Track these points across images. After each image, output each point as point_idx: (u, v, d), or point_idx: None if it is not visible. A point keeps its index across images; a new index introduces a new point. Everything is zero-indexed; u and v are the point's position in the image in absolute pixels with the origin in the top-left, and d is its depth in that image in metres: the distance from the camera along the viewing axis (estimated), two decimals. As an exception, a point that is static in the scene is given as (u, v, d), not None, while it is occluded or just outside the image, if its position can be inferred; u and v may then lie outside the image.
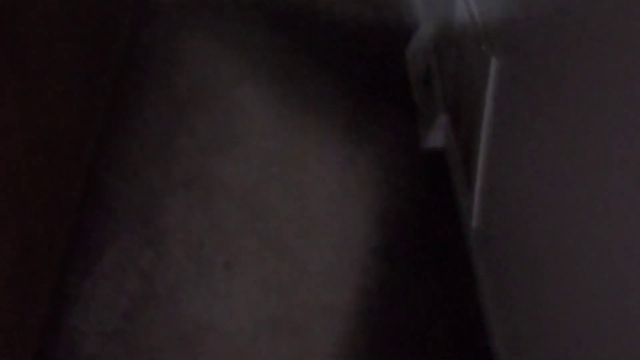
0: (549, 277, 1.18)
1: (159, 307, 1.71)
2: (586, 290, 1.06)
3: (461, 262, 1.69)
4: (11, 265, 1.45)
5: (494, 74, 1.39)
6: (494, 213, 1.46)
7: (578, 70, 1.07)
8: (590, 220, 1.04)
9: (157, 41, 2.41)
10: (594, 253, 1.03)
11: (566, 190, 1.12)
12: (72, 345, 1.63)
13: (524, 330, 1.28)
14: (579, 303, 1.08)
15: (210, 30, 2.47)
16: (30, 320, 1.54)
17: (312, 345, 1.64)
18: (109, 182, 1.98)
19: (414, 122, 2.04)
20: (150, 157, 2.05)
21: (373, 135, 2.10)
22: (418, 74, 2.05)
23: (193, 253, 1.82)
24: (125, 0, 2.41)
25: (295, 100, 2.23)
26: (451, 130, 1.78)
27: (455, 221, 1.75)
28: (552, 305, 1.17)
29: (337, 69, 2.32)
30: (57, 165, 1.71)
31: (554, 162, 1.16)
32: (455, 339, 1.61)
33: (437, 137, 1.84)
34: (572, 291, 1.10)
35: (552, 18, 1.16)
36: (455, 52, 1.72)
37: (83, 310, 1.69)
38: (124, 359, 1.62)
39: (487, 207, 1.49)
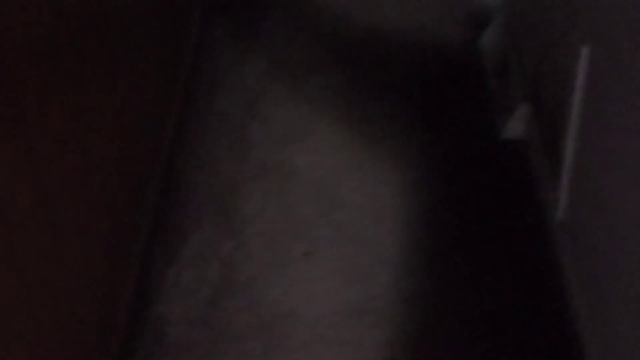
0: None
1: (241, 295, 1.73)
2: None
3: (543, 255, 1.68)
4: (99, 255, 1.48)
5: (583, 64, 1.38)
6: (584, 205, 1.44)
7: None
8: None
9: (227, 33, 2.44)
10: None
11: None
12: (159, 332, 1.67)
13: (619, 330, 1.26)
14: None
15: (279, 21, 2.49)
16: (116, 309, 1.57)
17: (393, 334, 1.66)
18: (187, 174, 2.01)
19: (488, 113, 2.04)
20: (226, 148, 2.08)
21: (446, 125, 2.10)
22: (494, 64, 2.04)
23: (271, 242, 1.85)
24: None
25: (366, 90, 2.24)
26: (532, 121, 1.77)
27: (535, 212, 1.74)
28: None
29: (407, 58, 2.33)
30: (138, 159, 1.74)
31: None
32: (538, 334, 1.61)
33: (516, 127, 1.83)
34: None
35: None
36: (537, 41, 1.71)
37: (168, 298, 1.73)
38: (209, 345, 1.65)
39: (576, 199, 1.48)
